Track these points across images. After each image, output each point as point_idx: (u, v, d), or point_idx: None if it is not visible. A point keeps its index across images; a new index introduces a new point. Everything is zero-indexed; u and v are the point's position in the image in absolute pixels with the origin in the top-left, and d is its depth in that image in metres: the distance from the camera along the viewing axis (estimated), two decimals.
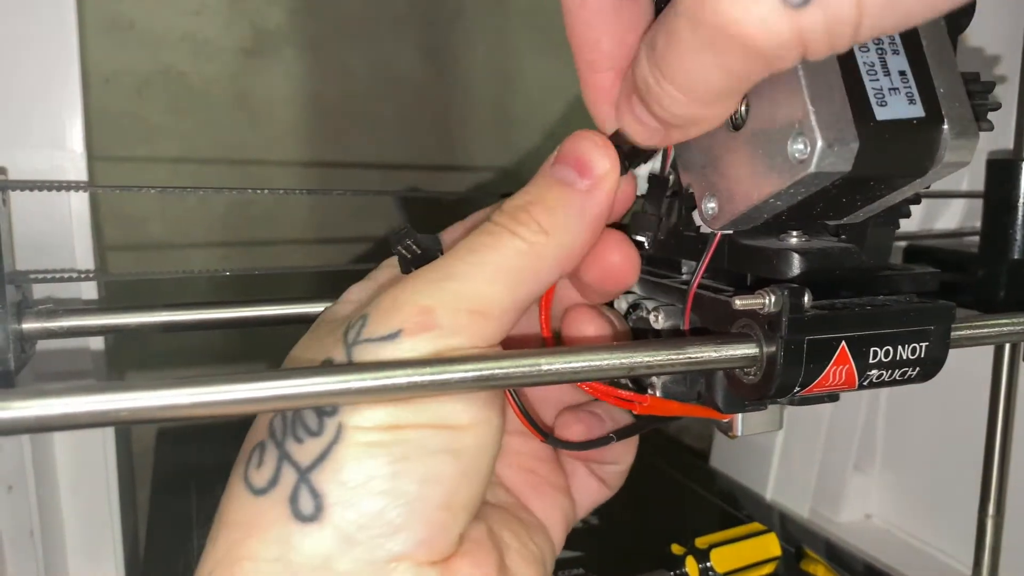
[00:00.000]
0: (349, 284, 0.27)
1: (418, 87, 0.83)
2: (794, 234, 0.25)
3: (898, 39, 0.22)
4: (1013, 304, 0.44)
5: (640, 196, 0.28)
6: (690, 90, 0.20)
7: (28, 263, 0.37)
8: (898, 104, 0.21)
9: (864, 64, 0.21)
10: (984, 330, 0.29)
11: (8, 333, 0.30)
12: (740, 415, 0.27)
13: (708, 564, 0.47)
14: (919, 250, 0.51)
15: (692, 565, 0.47)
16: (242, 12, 0.76)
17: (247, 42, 0.76)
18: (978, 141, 0.22)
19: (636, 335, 0.29)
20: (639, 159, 0.24)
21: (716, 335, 0.25)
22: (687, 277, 0.28)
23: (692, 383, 0.27)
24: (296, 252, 0.81)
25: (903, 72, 0.22)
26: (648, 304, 0.28)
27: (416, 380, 0.20)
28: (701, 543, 0.48)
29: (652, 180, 0.27)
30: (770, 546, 0.49)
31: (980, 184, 0.46)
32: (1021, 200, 0.44)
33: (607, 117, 0.24)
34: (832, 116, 0.20)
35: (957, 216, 0.56)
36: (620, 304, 0.29)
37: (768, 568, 0.49)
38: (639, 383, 0.27)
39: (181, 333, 0.32)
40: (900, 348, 0.24)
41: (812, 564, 0.52)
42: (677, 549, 0.48)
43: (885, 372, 0.24)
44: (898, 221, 0.26)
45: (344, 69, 0.80)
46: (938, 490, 0.58)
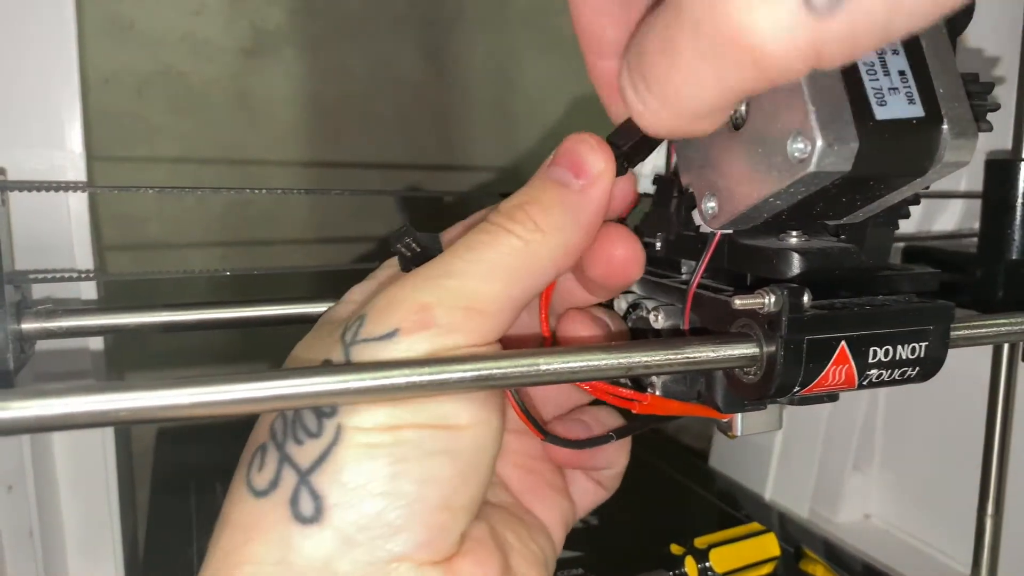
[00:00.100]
0: (349, 284, 0.27)
1: (418, 87, 0.83)
2: (794, 234, 0.25)
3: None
4: (1011, 304, 0.44)
5: (645, 194, 0.28)
6: (675, 105, 0.19)
7: (27, 263, 0.37)
8: (898, 104, 0.21)
9: (864, 64, 0.21)
10: (982, 330, 0.29)
11: (7, 333, 0.30)
12: (740, 415, 0.27)
13: (707, 564, 0.47)
14: (917, 250, 0.51)
15: (691, 565, 0.47)
16: (242, 12, 0.76)
17: (247, 42, 0.76)
18: (977, 141, 0.22)
19: (636, 335, 0.29)
20: (638, 158, 0.24)
21: (715, 335, 0.25)
22: (687, 277, 0.28)
23: (692, 382, 0.27)
24: (296, 252, 0.81)
25: (903, 72, 0.22)
26: (648, 304, 0.28)
27: (414, 380, 0.20)
28: (700, 543, 0.48)
29: (658, 181, 0.27)
30: (769, 546, 0.49)
31: (978, 184, 0.46)
32: (1019, 200, 0.44)
33: (616, 104, 0.24)
34: (832, 116, 0.20)
35: (955, 217, 0.56)
36: (620, 304, 0.29)
37: (767, 568, 0.49)
38: (639, 382, 0.27)
39: (180, 333, 0.32)
40: (899, 348, 0.24)
41: (811, 564, 0.52)
42: (676, 549, 0.48)
43: (885, 372, 0.24)
44: (897, 221, 0.26)
45: (344, 69, 0.80)
46: (937, 490, 0.58)
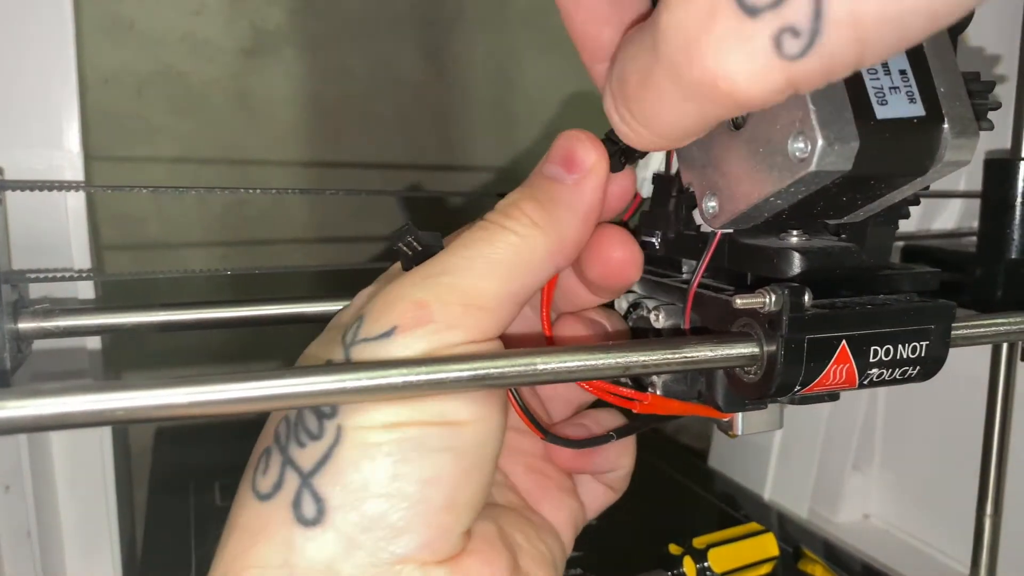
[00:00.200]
0: (348, 284, 0.27)
1: (418, 87, 0.83)
2: (794, 233, 0.25)
3: None
4: (1011, 303, 0.44)
5: (647, 198, 0.28)
6: (661, 133, 0.20)
7: (25, 262, 0.37)
8: (898, 103, 0.21)
9: None
10: (982, 330, 0.29)
11: (4, 332, 0.30)
12: (740, 414, 0.27)
13: (706, 564, 0.47)
14: (917, 250, 0.51)
15: (690, 565, 0.47)
16: (242, 12, 0.76)
17: (247, 42, 0.76)
18: (978, 140, 0.22)
19: (637, 334, 0.29)
20: (636, 155, 0.24)
21: (716, 334, 0.25)
22: (687, 276, 0.28)
23: (693, 382, 0.27)
24: (296, 252, 0.81)
25: (903, 71, 0.22)
26: (648, 303, 0.28)
27: (411, 380, 0.20)
28: (699, 543, 0.48)
29: (656, 180, 0.27)
30: (768, 546, 0.49)
31: (978, 184, 0.46)
32: (1018, 200, 0.44)
33: None
34: (832, 115, 0.20)
35: (955, 216, 0.56)
36: (620, 303, 0.29)
37: (766, 568, 0.49)
38: (639, 382, 0.27)
39: (178, 333, 0.31)
40: (900, 347, 0.24)
41: (810, 564, 0.52)
42: (675, 549, 0.48)
43: (885, 371, 0.24)
44: (898, 221, 0.26)
45: (344, 69, 0.80)
46: (936, 490, 0.58)
